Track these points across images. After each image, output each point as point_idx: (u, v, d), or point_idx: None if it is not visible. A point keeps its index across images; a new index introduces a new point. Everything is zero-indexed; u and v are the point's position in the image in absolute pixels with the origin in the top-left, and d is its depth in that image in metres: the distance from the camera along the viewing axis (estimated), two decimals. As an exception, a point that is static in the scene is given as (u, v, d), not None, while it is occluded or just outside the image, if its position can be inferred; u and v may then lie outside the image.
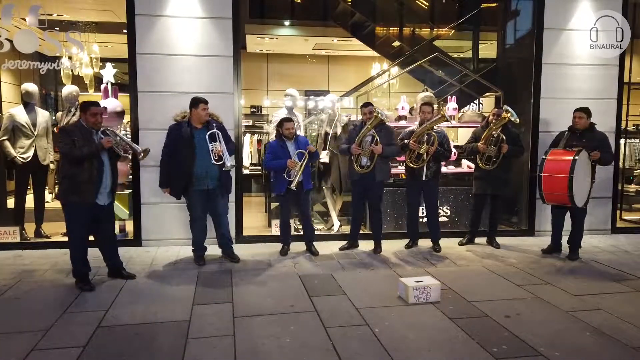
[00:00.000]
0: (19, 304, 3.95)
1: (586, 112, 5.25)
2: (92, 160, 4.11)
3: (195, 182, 4.83)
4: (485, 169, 5.58)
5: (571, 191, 4.95)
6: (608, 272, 4.93)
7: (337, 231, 6.21)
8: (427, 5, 8.58)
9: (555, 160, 5.11)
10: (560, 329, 3.53)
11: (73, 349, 3.13)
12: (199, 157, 4.78)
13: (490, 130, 5.52)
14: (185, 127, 4.83)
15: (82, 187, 4.08)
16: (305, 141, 5.36)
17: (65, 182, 4.15)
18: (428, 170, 5.45)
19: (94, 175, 4.10)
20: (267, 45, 10.12)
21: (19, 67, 5.40)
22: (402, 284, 4.06)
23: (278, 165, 5.21)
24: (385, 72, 8.61)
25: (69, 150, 4.03)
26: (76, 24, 7.32)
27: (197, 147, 4.78)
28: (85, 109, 4.18)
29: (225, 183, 4.98)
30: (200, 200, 4.94)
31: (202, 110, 4.80)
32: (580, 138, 5.23)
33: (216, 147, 4.75)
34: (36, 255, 5.30)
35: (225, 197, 5.08)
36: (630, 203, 7.92)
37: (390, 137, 5.37)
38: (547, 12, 6.24)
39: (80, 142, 4.05)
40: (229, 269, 4.87)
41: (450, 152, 5.63)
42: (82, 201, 4.09)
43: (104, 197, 4.24)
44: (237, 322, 3.57)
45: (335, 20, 8.37)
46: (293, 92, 6.40)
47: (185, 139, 4.78)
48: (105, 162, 4.22)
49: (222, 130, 4.91)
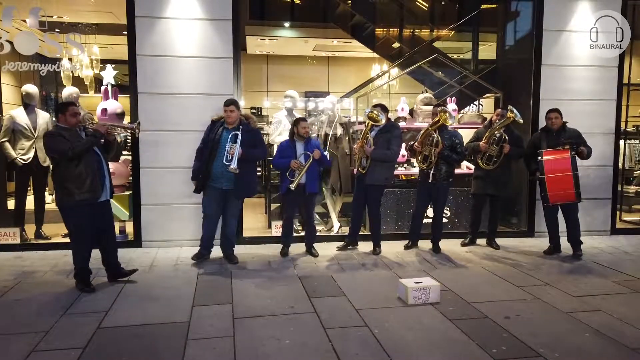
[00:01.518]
0: (19, 305, 3.95)
1: (560, 113, 5.42)
2: (91, 156, 4.09)
3: (212, 180, 4.90)
4: (485, 169, 5.58)
5: (578, 187, 5.08)
6: (608, 273, 4.93)
7: (337, 232, 6.21)
8: (426, 6, 8.60)
9: (554, 160, 5.16)
10: (560, 330, 3.53)
11: (73, 351, 3.13)
12: (219, 157, 4.83)
13: (493, 130, 5.52)
14: (218, 126, 4.92)
15: (89, 183, 4.05)
16: (316, 144, 5.33)
17: (68, 184, 4.03)
18: (437, 172, 5.43)
19: (95, 169, 4.10)
20: (267, 46, 10.14)
21: (19, 69, 5.41)
22: (402, 285, 4.06)
23: (282, 164, 5.22)
24: (385, 73, 8.61)
25: (69, 147, 3.96)
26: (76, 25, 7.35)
27: (221, 147, 4.84)
28: (64, 110, 4.13)
29: (242, 187, 4.94)
30: (215, 198, 4.97)
31: (225, 112, 4.90)
32: (558, 137, 5.34)
33: (232, 148, 4.77)
34: (36, 256, 5.30)
35: (239, 200, 5.13)
36: (630, 204, 7.92)
37: (390, 141, 5.27)
38: (546, 14, 6.25)
39: (72, 141, 4.02)
40: (229, 270, 4.87)
41: (462, 155, 5.52)
42: (91, 198, 4.08)
43: (106, 191, 4.26)
44: (236, 324, 3.58)
45: (335, 21, 8.38)
46: (293, 93, 6.41)
47: (213, 138, 4.87)
48: (101, 155, 4.22)
49: (250, 133, 4.93)
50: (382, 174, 5.32)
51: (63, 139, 4.01)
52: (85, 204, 4.09)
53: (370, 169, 5.28)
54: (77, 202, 4.07)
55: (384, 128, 5.30)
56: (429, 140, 5.38)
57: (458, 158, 5.49)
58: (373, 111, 5.21)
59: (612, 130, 6.42)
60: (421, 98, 6.68)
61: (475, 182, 5.78)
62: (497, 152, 5.49)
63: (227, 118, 4.90)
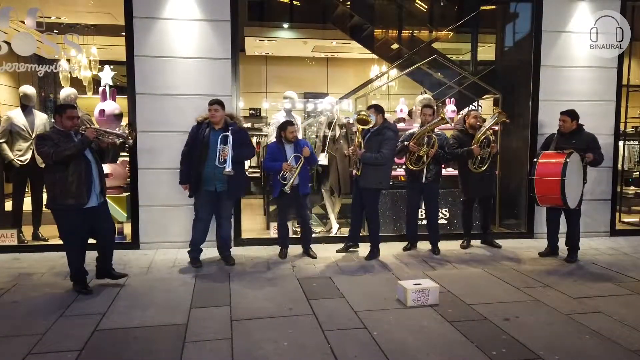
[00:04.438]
0: (16, 307, 3.93)
1: (570, 115, 5.28)
2: (79, 161, 4.02)
3: (204, 182, 4.85)
4: (473, 173, 5.59)
5: (564, 194, 4.94)
6: (607, 275, 4.92)
7: (335, 234, 6.19)
8: (425, 7, 8.59)
9: (547, 163, 5.09)
10: (560, 331, 3.52)
11: (70, 353, 3.12)
12: (210, 158, 4.79)
13: (482, 133, 5.53)
14: (204, 127, 4.87)
15: (74, 189, 3.98)
16: (304, 143, 5.32)
17: (54, 188, 4.01)
18: (428, 173, 5.43)
19: (82, 175, 4.02)
20: (266, 47, 10.13)
21: (17, 70, 5.39)
22: (401, 287, 4.05)
23: (274, 167, 5.20)
24: (384, 74, 8.61)
25: (53, 151, 3.92)
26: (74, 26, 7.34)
27: (211, 148, 4.80)
28: (61, 112, 4.10)
29: (233, 187, 4.92)
30: (208, 201, 4.95)
31: (209, 112, 4.84)
32: (569, 140, 5.25)
33: (224, 150, 4.74)
34: (34, 258, 5.29)
35: (232, 201, 5.09)
36: (630, 205, 7.90)
37: (382, 143, 5.14)
38: (545, 15, 6.24)
39: (62, 145, 3.97)
40: (227, 272, 4.85)
41: (451, 154, 5.59)
42: (76, 204, 4.02)
43: (94, 197, 4.16)
44: (234, 326, 3.56)
45: (334, 22, 8.37)
46: (292, 94, 6.38)
47: (201, 139, 4.82)
48: (92, 161, 4.14)
49: (239, 133, 4.90)
50: (375, 177, 5.17)
51: (50, 142, 3.97)
52: (71, 209, 4.04)
53: (363, 172, 5.19)
54: (63, 206, 4.03)
55: (377, 130, 5.21)
56: (424, 141, 5.37)
57: (450, 157, 5.58)
58: (361, 113, 5.14)
59: (611, 131, 6.41)
60: (420, 99, 6.67)
61: (466, 188, 5.79)
62: (488, 154, 5.54)
63: (212, 118, 4.84)
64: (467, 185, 5.77)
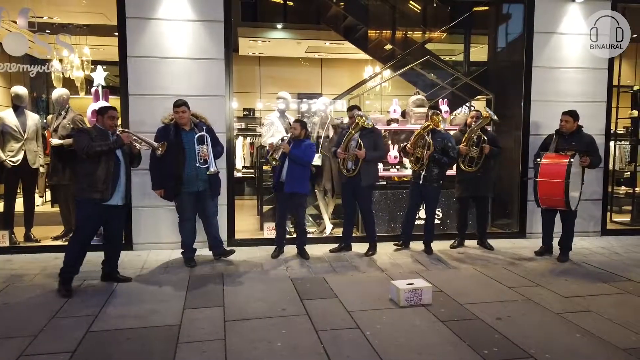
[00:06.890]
0: (8, 309, 3.91)
1: (572, 116, 5.29)
2: (109, 159, 4.20)
3: (185, 184, 4.84)
4: (467, 172, 5.62)
5: (567, 196, 5.00)
6: (598, 274, 4.96)
7: (329, 234, 6.21)
8: (419, 8, 8.62)
9: (551, 164, 5.11)
10: (551, 331, 3.54)
11: (62, 354, 3.10)
12: (188, 160, 4.79)
13: (472, 132, 5.57)
14: (172, 129, 4.83)
15: (99, 184, 4.15)
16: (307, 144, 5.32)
17: (82, 180, 4.21)
18: (428, 174, 5.45)
19: (110, 172, 4.19)
20: (259, 48, 10.13)
21: (8, 70, 5.35)
22: (394, 287, 4.06)
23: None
24: (378, 75, 8.63)
25: (87, 144, 4.10)
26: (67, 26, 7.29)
27: (187, 150, 4.79)
28: (103, 112, 4.33)
29: (215, 185, 5.01)
30: (190, 202, 4.96)
31: (176, 113, 4.81)
32: (569, 141, 5.27)
33: (202, 150, 4.77)
34: (25, 259, 5.25)
35: (214, 199, 5.10)
36: (620, 205, 7.97)
37: (376, 141, 5.40)
38: (537, 16, 6.28)
39: (97, 140, 4.18)
40: (221, 273, 4.85)
41: (453, 158, 5.51)
42: (100, 198, 4.16)
43: (118, 196, 4.29)
44: (228, 326, 3.56)
45: (327, 23, 8.38)
46: (285, 95, 6.39)
47: (175, 142, 4.77)
48: (122, 162, 4.32)
49: (209, 133, 4.93)
50: (372, 174, 5.47)
51: (87, 137, 4.19)
52: (95, 203, 4.17)
53: (363, 171, 5.31)
54: (87, 199, 4.18)
55: (368, 129, 5.35)
56: (421, 143, 5.40)
57: (449, 161, 5.49)
58: (362, 117, 5.26)
59: (602, 131, 6.46)
60: (413, 100, 6.70)
61: (459, 186, 5.82)
62: (478, 154, 5.55)
63: (180, 119, 4.80)
64: (459, 183, 5.81)
